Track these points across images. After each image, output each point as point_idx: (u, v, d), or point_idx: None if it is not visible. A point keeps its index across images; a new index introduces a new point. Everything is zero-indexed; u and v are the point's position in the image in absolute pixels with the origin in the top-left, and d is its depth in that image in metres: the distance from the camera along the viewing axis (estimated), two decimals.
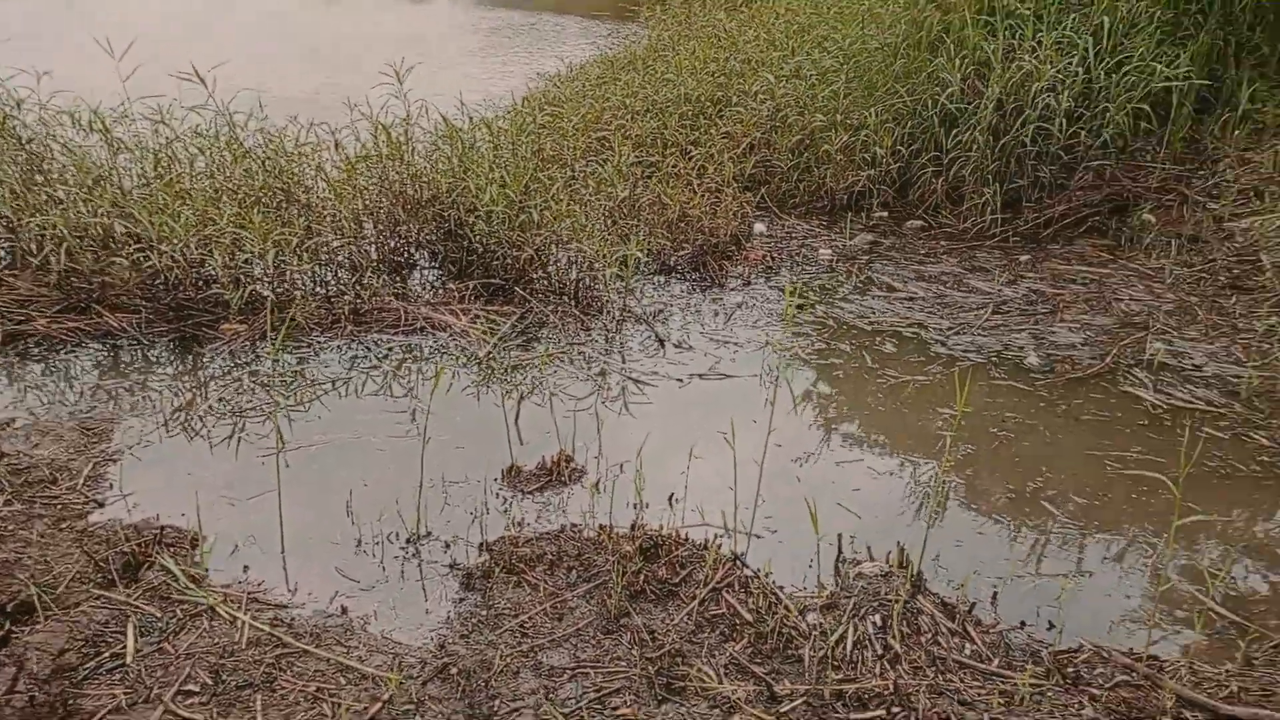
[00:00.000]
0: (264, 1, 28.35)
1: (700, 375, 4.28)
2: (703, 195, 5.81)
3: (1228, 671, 2.51)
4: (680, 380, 4.23)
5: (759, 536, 3.12)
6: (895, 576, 2.83)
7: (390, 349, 4.45)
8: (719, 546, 2.95)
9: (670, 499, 3.28)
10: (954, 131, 6.11)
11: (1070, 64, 5.85)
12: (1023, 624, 2.75)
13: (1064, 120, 5.82)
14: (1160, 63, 5.86)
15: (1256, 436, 3.79)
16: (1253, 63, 6.20)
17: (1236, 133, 6.01)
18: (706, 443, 3.54)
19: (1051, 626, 2.75)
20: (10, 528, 2.85)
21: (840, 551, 3.01)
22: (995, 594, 2.87)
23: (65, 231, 4.37)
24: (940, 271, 5.57)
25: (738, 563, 2.90)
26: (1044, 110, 5.83)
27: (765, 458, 3.19)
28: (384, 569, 2.89)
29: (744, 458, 3.17)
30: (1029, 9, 6.19)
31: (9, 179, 4.90)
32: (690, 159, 6.51)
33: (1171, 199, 5.95)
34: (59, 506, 3.00)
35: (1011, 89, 5.90)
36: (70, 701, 2.26)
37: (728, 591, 2.75)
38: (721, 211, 5.74)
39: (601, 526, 3.08)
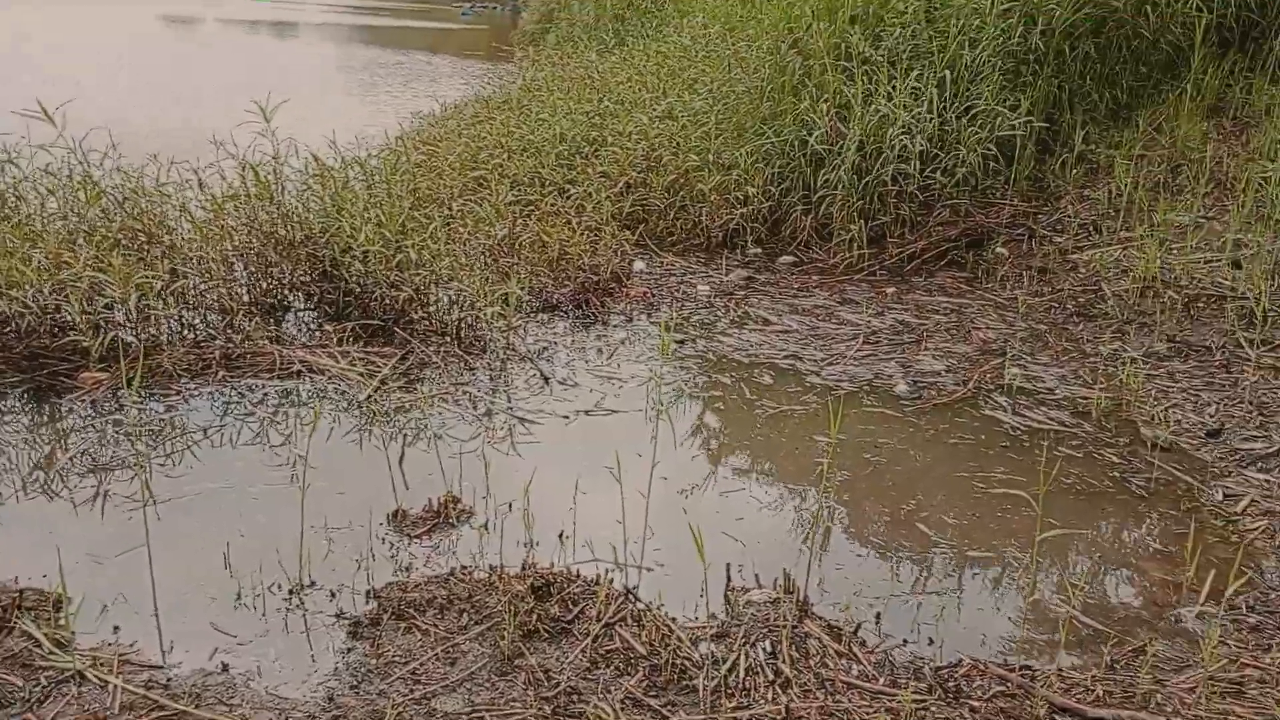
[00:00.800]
0: (116, 35, 27.16)
1: (586, 411, 4.32)
2: (582, 234, 5.88)
3: (1093, 676, 2.69)
4: (566, 417, 4.25)
5: (649, 569, 3.16)
6: (783, 602, 2.91)
7: (266, 394, 4.31)
8: (610, 581, 2.97)
9: (560, 536, 3.29)
10: (821, 171, 6.39)
11: (921, 110, 6.23)
12: (905, 642, 2.88)
13: (919, 161, 6.18)
14: (1004, 107, 6.31)
15: (1106, 454, 4.08)
16: (1085, 108, 6.75)
17: (1074, 171, 6.51)
18: (594, 478, 3.57)
19: (931, 643, 2.88)
20: None
21: (729, 580, 3.08)
22: (879, 614, 2.99)
23: None
24: (813, 305, 5.79)
25: (629, 597, 2.93)
26: (901, 151, 6.18)
27: (651, 491, 3.24)
28: (266, 622, 2.79)
29: (631, 492, 3.21)
30: (882, 56, 6.56)
31: None
32: (568, 198, 6.59)
33: (1021, 233, 6.38)
34: None
35: (870, 131, 6.23)
36: None
37: (621, 626, 2.77)
38: (601, 249, 5.83)
39: (492, 567, 3.06)
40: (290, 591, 2.92)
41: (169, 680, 2.50)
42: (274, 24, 39.64)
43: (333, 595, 2.93)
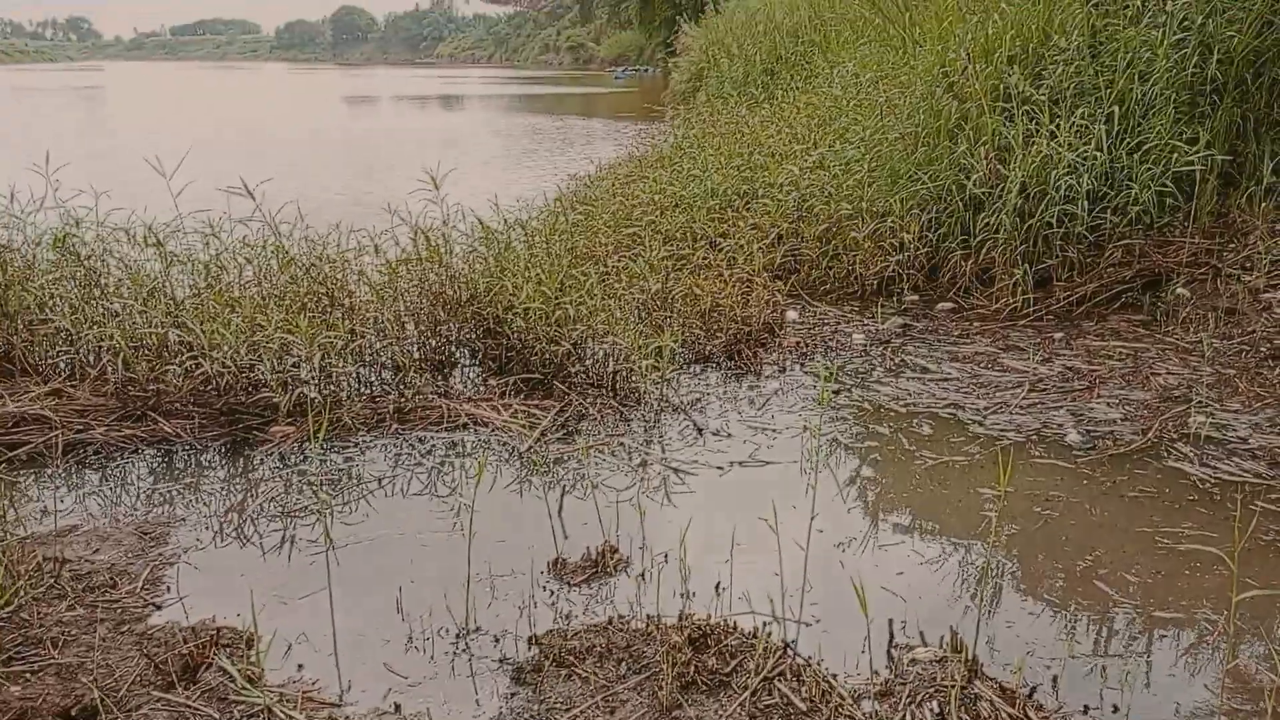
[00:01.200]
0: (300, 115, 29.54)
1: (739, 463, 4.31)
2: (734, 285, 5.92)
3: None
4: (721, 468, 4.25)
5: (807, 624, 3.10)
6: (950, 661, 2.79)
7: (433, 446, 4.52)
8: (768, 634, 2.93)
9: (716, 587, 3.28)
10: (980, 215, 6.21)
11: (1088, 149, 5.97)
12: (1086, 709, 2.70)
13: (1087, 200, 5.91)
14: (1181, 141, 5.96)
15: None
16: (1273, 137, 6.30)
17: (1264, 205, 6.06)
18: (749, 530, 3.55)
19: (1116, 710, 2.69)
20: (73, 632, 2.90)
21: (892, 637, 2.98)
22: (1055, 678, 2.82)
23: (122, 342, 4.54)
24: (974, 352, 5.60)
25: (788, 650, 2.88)
26: (1067, 191, 5.93)
27: (810, 544, 3.19)
28: (435, 665, 2.90)
29: (787, 544, 3.17)
30: (1044, 95, 6.35)
31: (68, 294, 5.13)
32: (720, 251, 6.66)
33: (1204, 273, 5.98)
34: (119, 610, 3.06)
35: (1033, 172, 6.02)
36: None
37: (780, 680, 2.73)
38: (753, 300, 5.84)
39: (649, 617, 3.08)
40: (457, 636, 3.03)
41: (347, 718, 2.64)
42: (441, 98, 42.14)
43: (496, 641, 3.02)
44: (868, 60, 9.82)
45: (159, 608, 3.13)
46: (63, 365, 5.04)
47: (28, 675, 2.68)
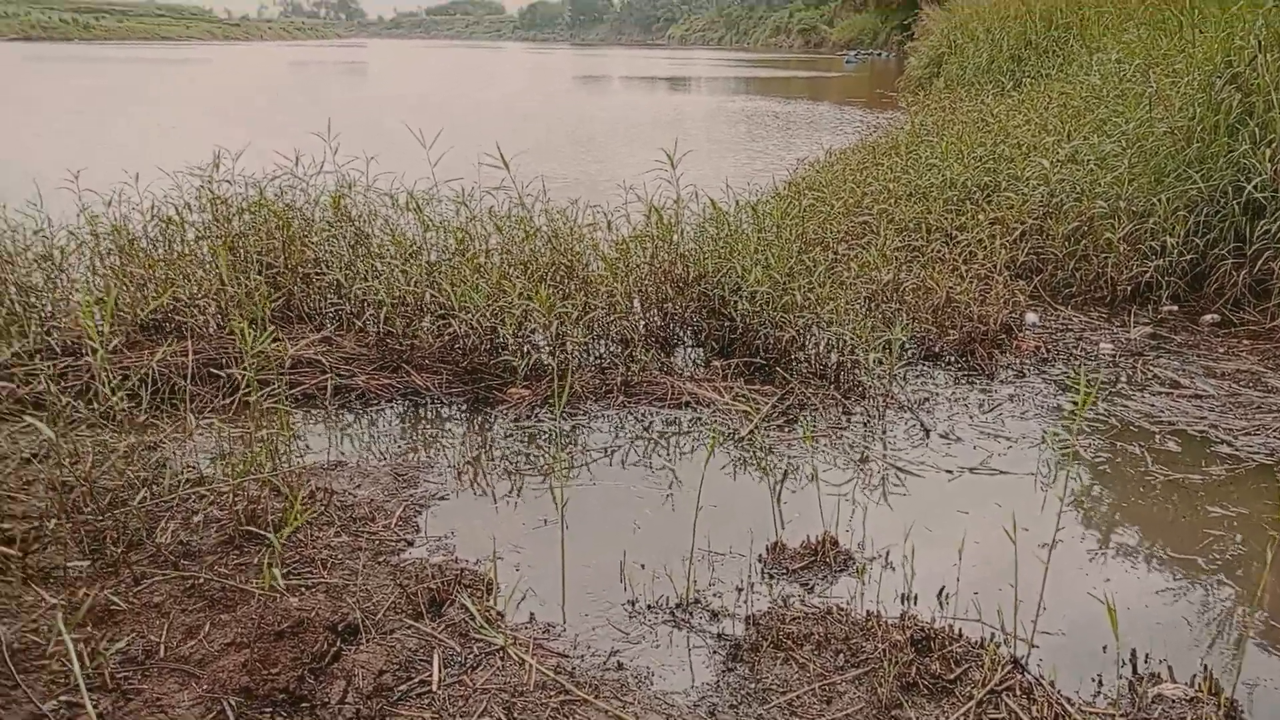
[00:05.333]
0: (543, 94, 30.83)
1: (970, 469, 4.15)
2: (970, 281, 5.68)
3: None
4: (950, 472, 4.11)
5: (1036, 646, 2.95)
6: (1203, 703, 2.58)
7: (654, 421, 4.64)
8: (996, 647, 2.83)
9: (941, 593, 3.19)
10: (1260, 221, 5.63)
11: None
12: None
13: None
14: None
15: None
16: None
17: None
18: (979, 538, 3.43)
19: None
20: (339, 557, 3.22)
21: (1134, 667, 2.79)
22: None
23: (386, 297, 4.96)
24: (1235, 369, 5.11)
25: (1018, 667, 2.76)
26: None
27: (1049, 558, 3.03)
28: (655, 631, 3.00)
29: (1026, 557, 3.03)
30: None
31: (340, 251, 5.65)
32: (955, 244, 6.40)
33: None
34: (377, 541, 3.36)
35: None
36: (386, 719, 2.51)
37: (1008, 696, 2.62)
38: (991, 299, 5.58)
39: (869, 613, 3.04)
40: (677, 605, 3.12)
41: (574, 669, 2.78)
42: (668, 79, 42.70)
43: (714, 616, 3.08)
44: (1134, 46, 9.07)
45: (410, 544, 3.42)
46: (331, 316, 5.57)
47: (303, 590, 3.00)
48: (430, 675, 2.68)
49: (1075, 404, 4.69)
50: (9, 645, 2.66)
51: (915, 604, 3.14)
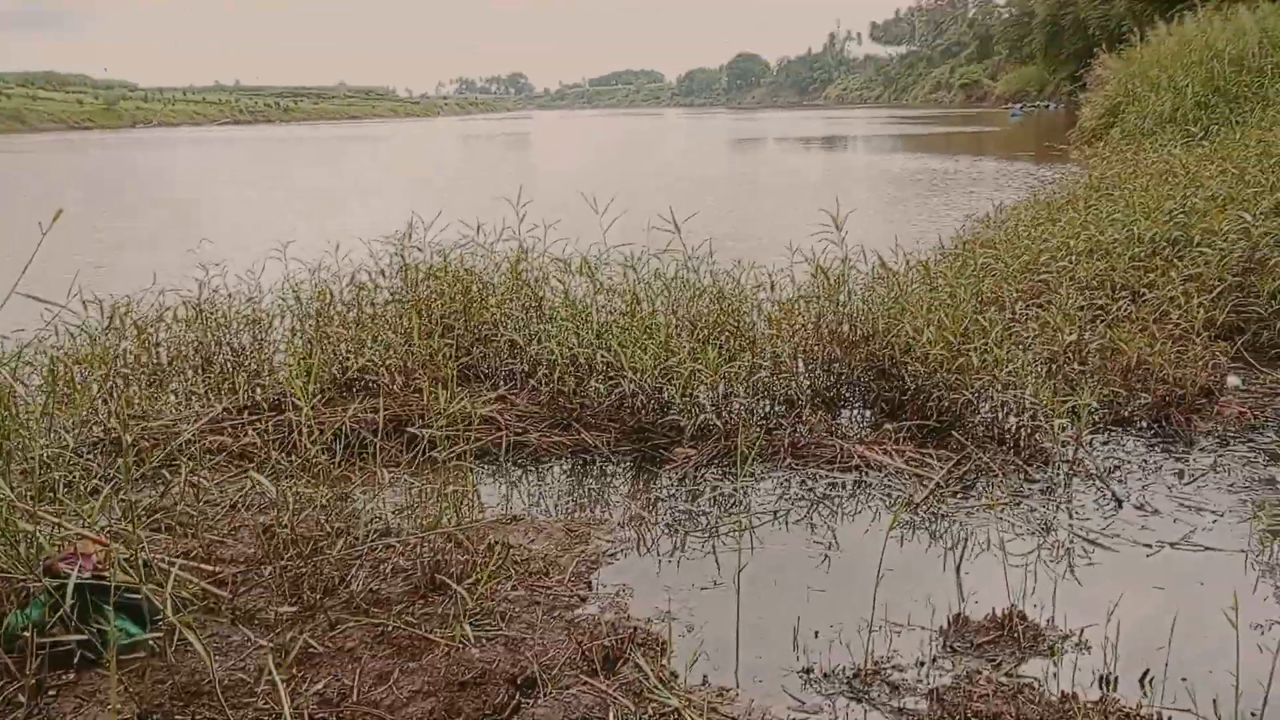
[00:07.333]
0: (694, 158, 31.49)
1: (1171, 543, 3.85)
2: (1165, 342, 5.33)
3: None
4: (1149, 546, 3.83)
5: None
6: None
7: (821, 484, 4.55)
8: None
9: (1144, 677, 2.95)
10: None
11: None
12: None
13: None
14: None
15: None
16: None
17: None
18: (1184, 619, 3.16)
19: None
20: (516, 610, 3.31)
21: None
22: None
23: (559, 356, 5.12)
24: None
25: None
26: None
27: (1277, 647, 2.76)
28: (832, 703, 2.91)
29: (1246, 641, 2.77)
30: None
31: (514, 314, 5.89)
32: (1143, 303, 6.04)
33: None
34: (551, 596, 3.43)
35: None
36: None
37: None
38: (1188, 360, 5.21)
39: (1064, 694, 2.85)
40: (854, 675, 3.01)
41: None
42: (825, 139, 42.67)
43: (894, 689, 2.96)
44: None
45: (583, 600, 3.47)
46: (504, 374, 5.79)
47: (484, 641, 3.09)
48: None
49: None
50: (220, 682, 2.86)
51: (1115, 688, 2.92)
